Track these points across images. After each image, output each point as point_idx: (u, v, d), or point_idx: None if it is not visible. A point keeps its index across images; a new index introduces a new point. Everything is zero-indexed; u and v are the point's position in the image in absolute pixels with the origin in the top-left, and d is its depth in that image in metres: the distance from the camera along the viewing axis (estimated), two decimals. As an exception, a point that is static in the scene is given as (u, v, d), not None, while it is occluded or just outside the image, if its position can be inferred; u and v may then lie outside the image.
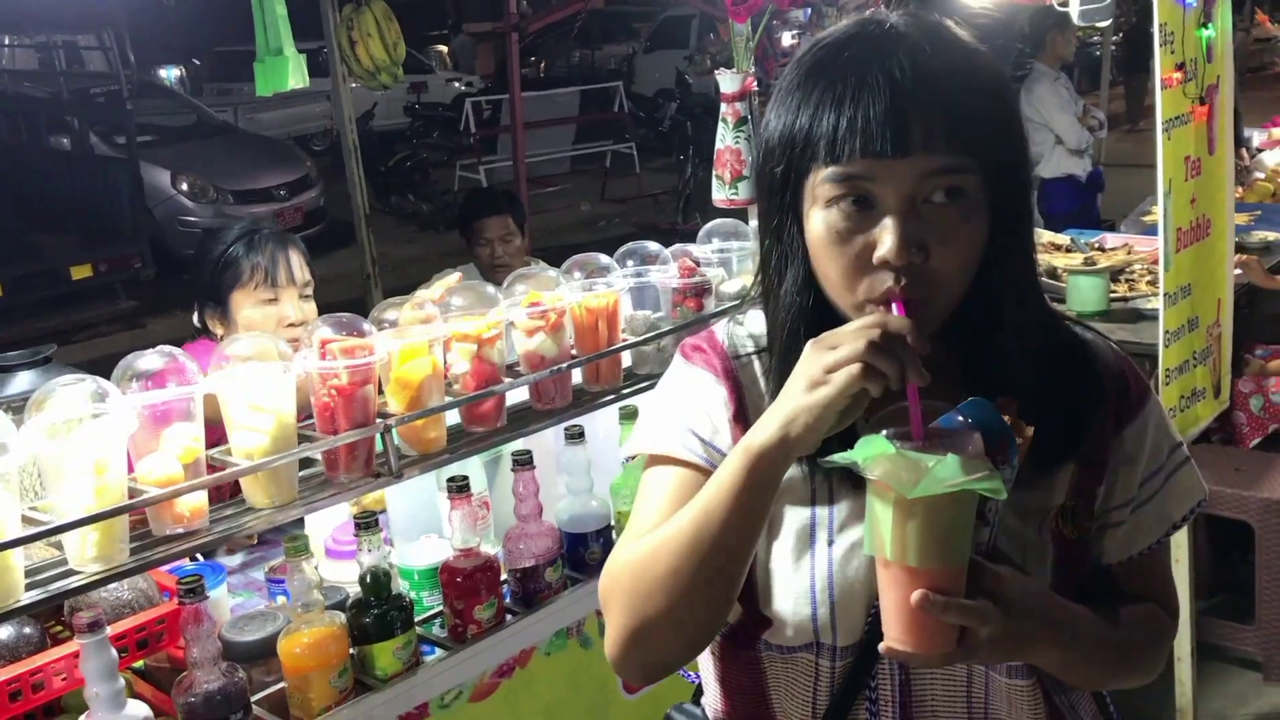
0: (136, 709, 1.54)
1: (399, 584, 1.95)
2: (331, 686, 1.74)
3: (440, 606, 1.99)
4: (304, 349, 1.78)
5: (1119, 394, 1.13)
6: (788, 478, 1.03)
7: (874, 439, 0.92)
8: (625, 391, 2.21)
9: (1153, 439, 1.14)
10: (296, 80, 3.10)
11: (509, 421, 2.04)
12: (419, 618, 1.97)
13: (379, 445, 1.83)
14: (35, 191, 8.47)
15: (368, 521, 1.79)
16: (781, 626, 1.11)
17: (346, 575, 2.04)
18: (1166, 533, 1.16)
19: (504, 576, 2.04)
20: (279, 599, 2.01)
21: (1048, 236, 4.35)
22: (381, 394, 1.86)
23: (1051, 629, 1.01)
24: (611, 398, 2.20)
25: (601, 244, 2.41)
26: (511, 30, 6.62)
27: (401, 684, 1.83)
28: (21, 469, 1.54)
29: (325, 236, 8.98)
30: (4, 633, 1.69)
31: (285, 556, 1.75)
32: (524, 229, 3.88)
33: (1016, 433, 0.97)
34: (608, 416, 2.30)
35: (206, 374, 1.69)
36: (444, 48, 19.85)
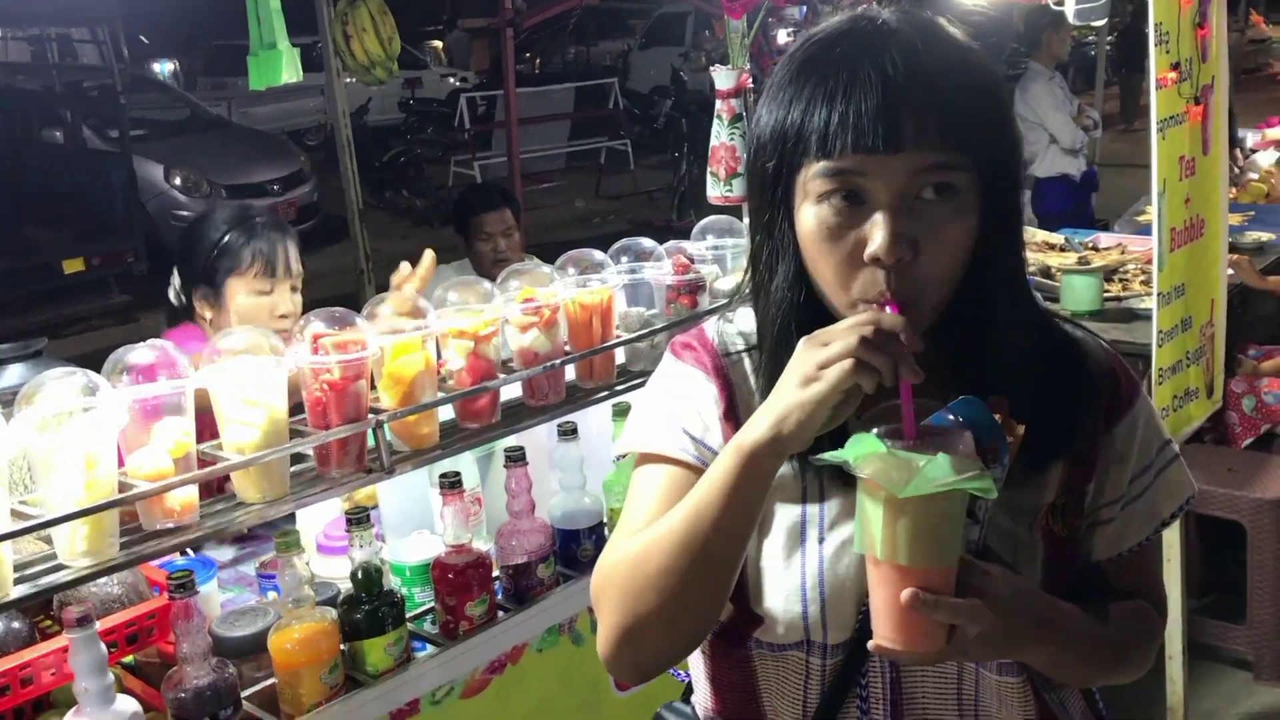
0: (125, 704, 1.54)
1: (390, 580, 1.94)
2: (322, 682, 1.73)
3: (432, 603, 1.98)
4: (296, 343, 1.77)
5: (1109, 392, 1.13)
6: (780, 475, 1.03)
7: (865, 437, 0.92)
8: (619, 388, 2.21)
9: (1142, 436, 1.14)
10: (290, 74, 3.09)
11: (502, 417, 2.04)
12: (411, 614, 1.96)
13: (371, 441, 1.83)
14: (27, 185, 8.42)
15: (359, 517, 1.78)
16: (772, 624, 1.10)
17: (338, 571, 2.03)
18: (1156, 530, 1.16)
19: (496, 573, 2.04)
20: (270, 594, 2.00)
21: (1042, 236, 4.36)
22: (374, 389, 1.86)
23: (1041, 627, 1.01)
24: (605, 394, 2.20)
25: (596, 241, 2.40)
26: (506, 26, 6.61)
27: (392, 680, 1.82)
28: (11, 463, 1.54)
29: (318, 231, 8.96)
30: (-7, 627, 1.68)
31: (276, 552, 1.74)
32: (520, 224, 3.88)
33: (1007, 431, 0.97)
34: (601, 413, 2.29)
35: (190, 359, 1.69)
36: (439, 43, 19.83)
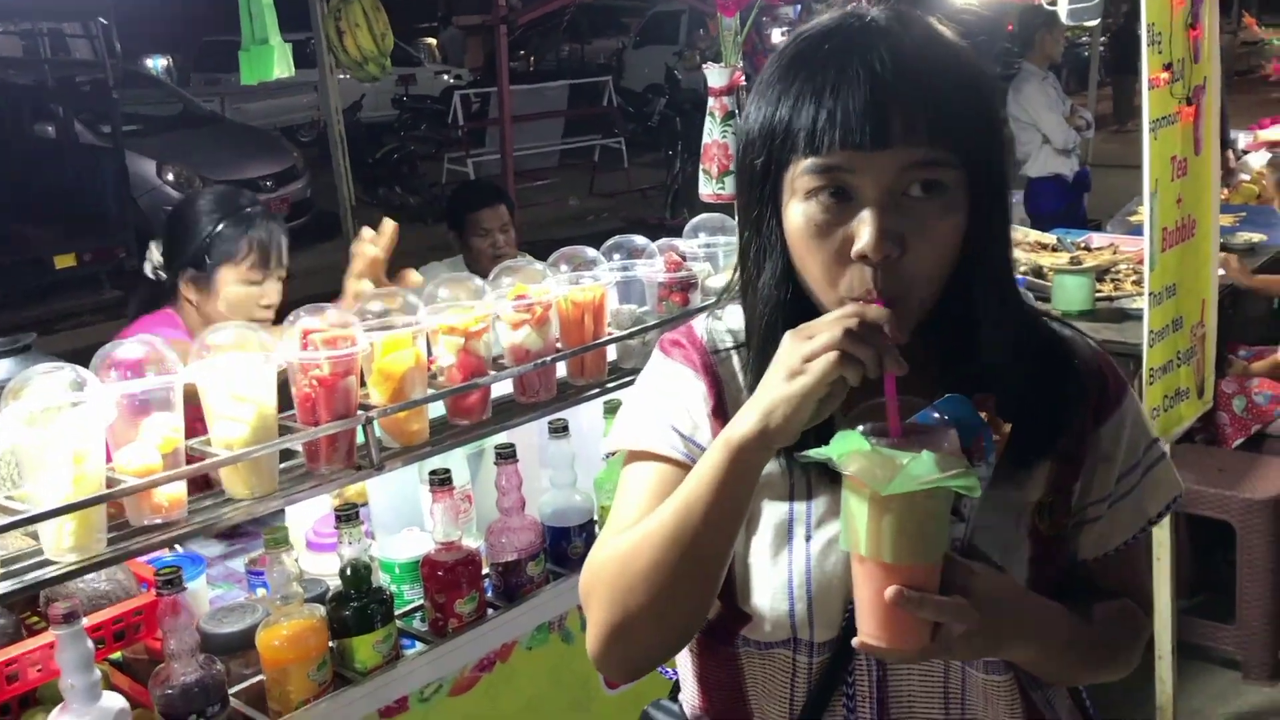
0: (112, 701, 1.53)
1: (380, 577, 1.94)
2: (310, 679, 1.73)
3: (421, 600, 1.98)
4: (285, 339, 1.77)
5: (1097, 391, 1.13)
6: (766, 473, 1.03)
7: (849, 434, 0.92)
8: (610, 385, 2.20)
9: (1130, 435, 1.14)
10: (282, 70, 3.08)
11: (493, 414, 2.04)
12: (400, 611, 1.96)
13: (360, 437, 1.82)
14: (19, 180, 8.40)
15: (348, 514, 1.78)
16: (759, 622, 1.10)
17: (327, 568, 2.03)
18: (1142, 529, 1.16)
19: (486, 570, 2.03)
20: (259, 591, 2.00)
21: (1034, 236, 4.36)
22: (364, 385, 1.85)
23: (1025, 625, 1.01)
24: (596, 392, 2.19)
25: (589, 238, 2.39)
26: (500, 23, 6.61)
27: (381, 677, 1.82)
28: (-2, 457, 1.53)
29: (311, 228, 8.93)
30: (-21, 623, 1.67)
31: (265, 548, 1.74)
32: (514, 221, 3.88)
33: (994, 429, 0.97)
34: (592, 410, 2.29)
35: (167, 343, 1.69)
36: (433, 40, 19.82)
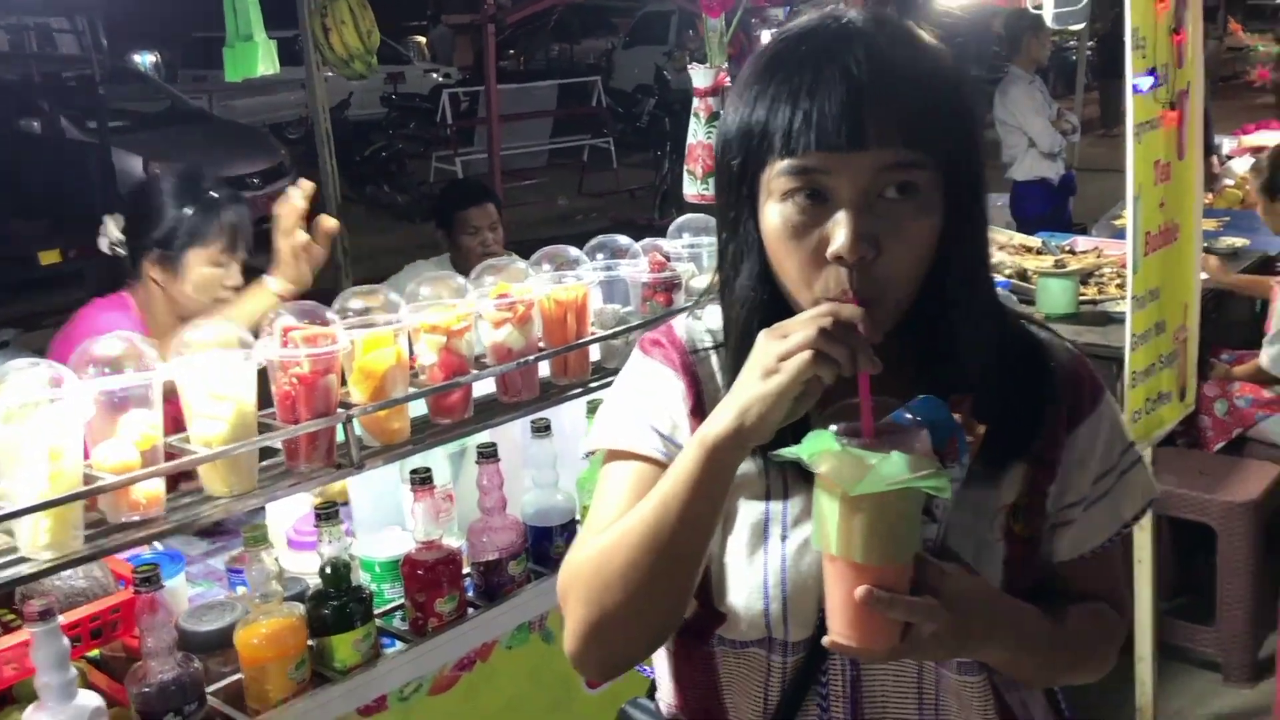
0: (87, 699, 1.52)
1: (360, 576, 1.93)
2: (289, 678, 1.72)
3: (402, 599, 1.97)
4: (265, 337, 1.76)
5: (1073, 393, 1.14)
6: (743, 473, 1.03)
7: (821, 434, 0.93)
8: (593, 385, 2.20)
9: (1106, 439, 1.14)
10: (266, 66, 3.07)
11: (475, 413, 2.03)
12: (380, 610, 1.95)
13: (341, 435, 1.82)
14: (3, 175, 8.34)
15: (328, 512, 1.77)
16: (735, 621, 1.10)
17: (308, 566, 2.02)
18: (1118, 532, 1.17)
19: (467, 570, 2.03)
20: (239, 589, 1.99)
21: (1019, 239, 4.37)
22: (345, 384, 1.85)
23: (996, 626, 1.02)
24: (579, 391, 2.19)
25: (577, 238, 2.38)
26: (488, 22, 6.60)
27: (360, 676, 1.81)
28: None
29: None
30: (-46, 620, 1.67)
31: (244, 546, 1.73)
32: (501, 220, 3.88)
33: (968, 431, 0.97)
34: (575, 410, 2.29)
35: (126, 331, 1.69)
36: (423, 39, 19.79)
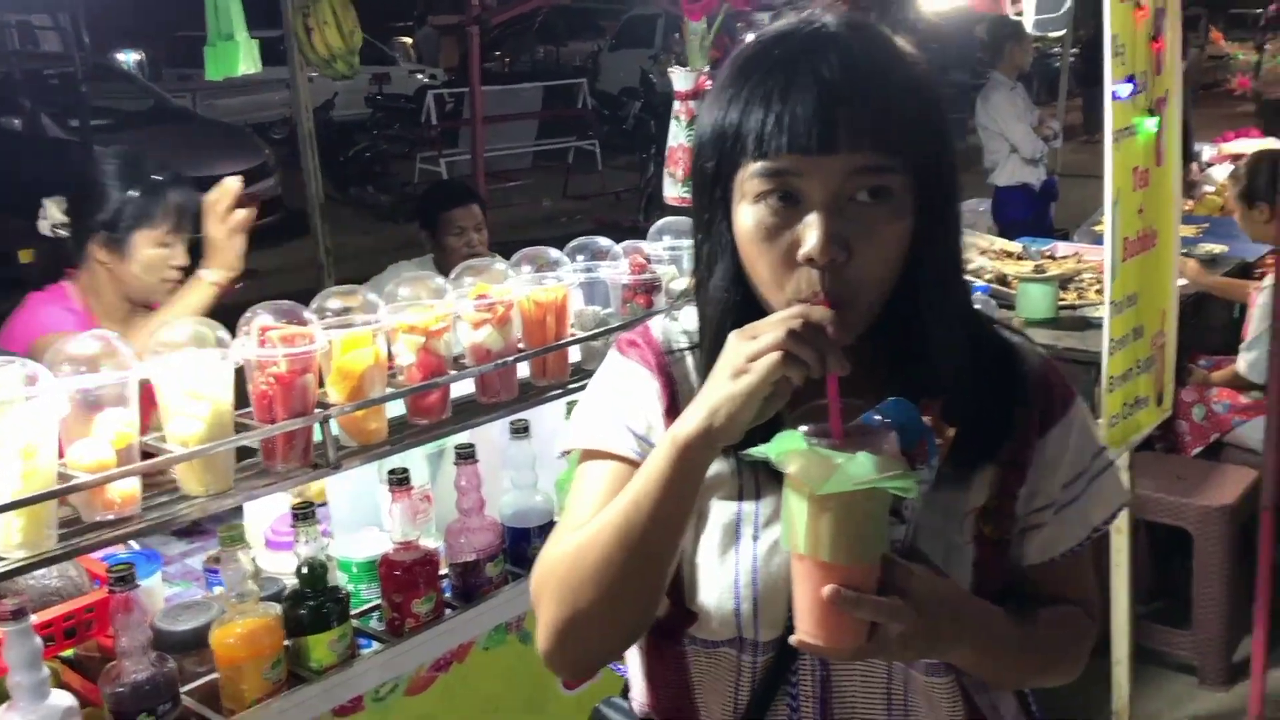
0: (59, 699, 1.51)
1: (337, 576, 1.93)
2: (264, 678, 1.71)
3: (378, 599, 1.97)
4: (243, 336, 1.75)
5: (1044, 398, 1.14)
6: (716, 472, 1.04)
7: (789, 434, 0.93)
8: (572, 386, 2.20)
9: (1076, 443, 1.15)
10: (247, 66, 3.06)
11: (453, 414, 2.03)
12: (356, 610, 1.95)
13: (318, 435, 1.81)
14: (-17, 173, 8.29)
15: (305, 512, 1.77)
16: (706, 620, 1.11)
17: (286, 566, 2.02)
18: (1088, 536, 1.17)
19: (444, 570, 2.03)
20: (216, 589, 1.98)
21: (1000, 244, 4.39)
22: (323, 385, 1.84)
23: (964, 627, 1.02)
24: (558, 393, 2.19)
25: (562, 240, 2.37)
26: (473, 23, 6.58)
27: (336, 676, 1.81)
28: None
29: (281, 225, 8.86)
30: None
31: (220, 546, 1.73)
32: (485, 221, 3.87)
33: (938, 433, 0.98)
34: (554, 411, 2.28)
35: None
36: (408, 40, 19.75)
